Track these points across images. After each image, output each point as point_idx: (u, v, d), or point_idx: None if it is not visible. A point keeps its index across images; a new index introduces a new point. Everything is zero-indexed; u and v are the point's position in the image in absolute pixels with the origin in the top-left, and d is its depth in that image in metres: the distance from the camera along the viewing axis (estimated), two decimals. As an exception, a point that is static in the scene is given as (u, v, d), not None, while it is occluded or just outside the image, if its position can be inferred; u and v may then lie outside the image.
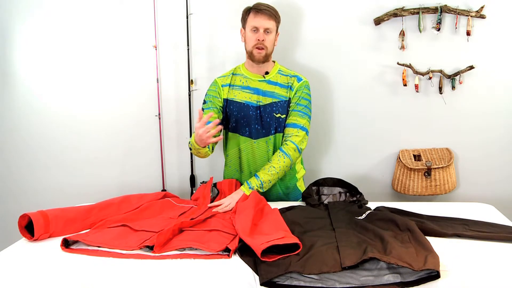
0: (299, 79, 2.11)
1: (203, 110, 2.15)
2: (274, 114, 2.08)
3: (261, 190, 2.02)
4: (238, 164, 2.18)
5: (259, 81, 2.11)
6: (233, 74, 2.16)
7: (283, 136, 2.11)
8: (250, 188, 2.00)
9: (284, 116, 2.09)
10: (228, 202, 1.95)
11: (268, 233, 1.55)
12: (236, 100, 2.11)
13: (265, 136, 2.11)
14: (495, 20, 2.32)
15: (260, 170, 2.05)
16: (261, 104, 2.09)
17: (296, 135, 2.06)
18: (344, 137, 2.53)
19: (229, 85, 2.14)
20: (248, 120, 2.11)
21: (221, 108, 2.15)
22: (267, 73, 2.12)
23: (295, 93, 2.09)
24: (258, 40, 2.03)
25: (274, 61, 2.17)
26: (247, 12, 2.08)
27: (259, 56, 2.06)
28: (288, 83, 2.10)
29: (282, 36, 2.37)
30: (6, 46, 2.57)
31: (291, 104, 2.09)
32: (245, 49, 2.11)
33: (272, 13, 2.04)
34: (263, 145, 2.12)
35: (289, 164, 2.06)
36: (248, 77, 2.13)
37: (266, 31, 2.04)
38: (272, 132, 2.10)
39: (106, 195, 2.19)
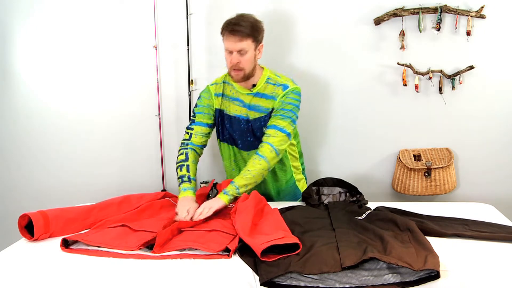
0: (285, 88, 1.98)
1: (194, 114, 2.11)
2: (264, 128, 2.02)
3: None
4: (234, 175, 2.11)
5: (247, 94, 2.04)
6: (224, 82, 2.10)
7: None
8: (225, 194, 1.89)
9: None
10: (201, 210, 1.80)
11: (268, 233, 1.55)
12: (228, 113, 2.08)
13: (257, 148, 2.01)
14: (495, 20, 2.32)
15: (236, 176, 1.96)
16: (250, 118, 2.04)
17: (273, 136, 1.95)
18: (344, 137, 2.53)
19: (222, 95, 2.09)
20: (240, 133, 2.07)
21: (212, 116, 2.10)
22: (254, 85, 2.03)
23: (278, 101, 1.98)
24: (232, 63, 1.93)
25: (263, 67, 2.06)
26: (222, 30, 1.94)
27: (237, 78, 1.97)
28: (272, 93, 2.00)
29: (282, 36, 2.37)
30: (6, 46, 2.57)
31: (273, 111, 2.00)
32: None
33: (245, 32, 1.88)
34: None
35: (266, 167, 1.94)
36: (237, 89, 2.06)
37: (240, 52, 1.91)
38: None
39: (106, 195, 2.19)
